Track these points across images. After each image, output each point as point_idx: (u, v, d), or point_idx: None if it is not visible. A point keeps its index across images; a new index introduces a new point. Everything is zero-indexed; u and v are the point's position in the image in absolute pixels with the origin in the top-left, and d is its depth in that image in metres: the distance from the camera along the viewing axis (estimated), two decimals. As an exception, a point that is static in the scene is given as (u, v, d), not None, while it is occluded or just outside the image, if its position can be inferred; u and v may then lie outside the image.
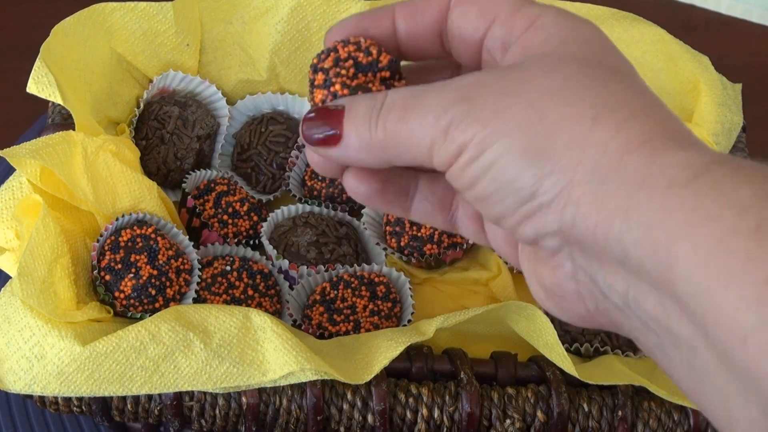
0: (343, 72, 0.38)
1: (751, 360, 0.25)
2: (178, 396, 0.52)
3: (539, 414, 0.52)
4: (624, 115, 0.31)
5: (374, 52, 0.38)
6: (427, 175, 0.39)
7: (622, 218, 0.29)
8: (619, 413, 0.52)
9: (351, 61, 0.38)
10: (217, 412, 0.52)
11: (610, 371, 0.54)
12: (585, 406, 0.52)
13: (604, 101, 0.31)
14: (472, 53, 0.37)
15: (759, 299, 0.25)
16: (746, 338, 0.25)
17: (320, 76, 0.38)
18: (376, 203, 0.39)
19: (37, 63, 0.60)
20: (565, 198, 0.31)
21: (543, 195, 0.31)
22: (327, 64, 0.38)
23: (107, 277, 0.56)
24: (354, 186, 0.38)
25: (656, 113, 0.31)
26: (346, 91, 0.38)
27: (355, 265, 0.64)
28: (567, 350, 0.55)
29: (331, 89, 0.38)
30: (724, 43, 0.95)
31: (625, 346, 0.58)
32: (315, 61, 0.39)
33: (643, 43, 0.71)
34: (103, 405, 0.52)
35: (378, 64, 0.38)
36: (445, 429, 0.52)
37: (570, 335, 0.59)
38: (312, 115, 0.37)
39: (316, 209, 0.68)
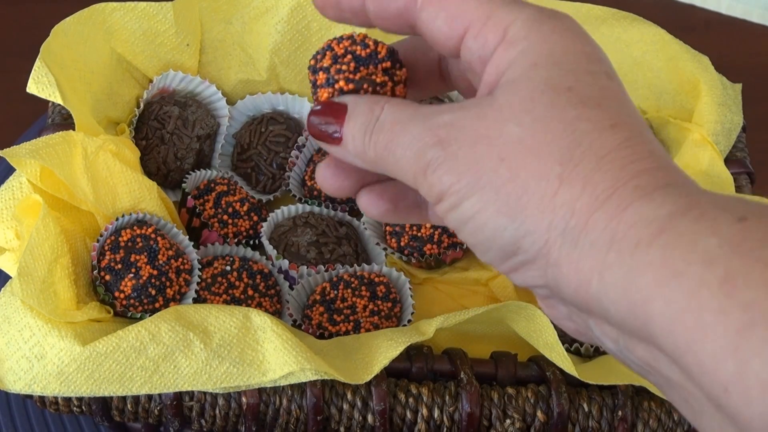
0: (344, 68, 0.38)
1: (735, 407, 0.26)
2: (178, 396, 0.52)
3: (539, 414, 0.52)
4: (590, 168, 0.31)
5: (371, 43, 0.38)
6: None
7: (598, 280, 0.30)
8: (619, 413, 0.52)
9: (350, 56, 0.38)
10: (217, 412, 0.52)
11: (610, 371, 0.54)
12: (585, 406, 0.52)
13: (570, 154, 0.31)
14: (449, 54, 0.37)
15: (734, 350, 0.26)
16: (727, 388, 0.26)
17: (322, 75, 0.38)
18: (391, 220, 0.40)
19: (37, 63, 0.60)
20: (545, 258, 0.31)
21: (524, 253, 0.32)
22: (326, 63, 0.38)
23: (107, 277, 0.56)
24: (367, 207, 0.39)
25: (622, 154, 0.31)
26: (351, 86, 0.38)
27: (355, 265, 0.63)
28: (567, 350, 0.55)
29: (336, 86, 0.38)
30: (724, 43, 0.95)
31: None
32: (312, 62, 0.39)
33: (643, 43, 0.71)
34: (103, 405, 0.52)
35: (377, 55, 0.38)
36: (445, 429, 0.52)
37: (570, 335, 0.59)
38: (318, 108, 0.37)
39: (316, 209, 0.68)
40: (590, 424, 0.52)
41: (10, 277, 0.53)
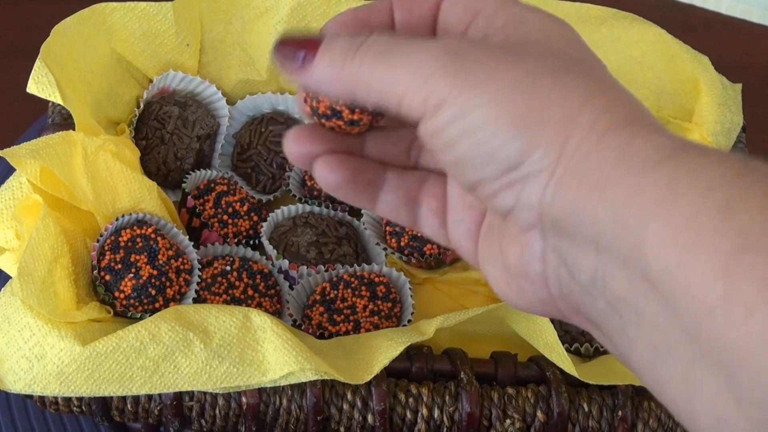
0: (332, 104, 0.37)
1: (719, 330, 0.26)
2: (178, 396, 0.52)
3: (539, 414, 0.52)
4: (610, 99, 0.32)
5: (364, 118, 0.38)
6: (397, 169, 0.39)
7: (598, 195, 0.30)
8: (619, 413, 0.52)
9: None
10: (217, 412, 0.52)
11: (610, 371, 0.54)
12: (585, 406, 0.52)
13: (593, 86, 0.32)
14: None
15: (726, 270, 0.26)
16: (714, 309, 0.26)
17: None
18: (345, 194, 0.38)
19: (37, 63, 0.60)
20: (550, 172, 0.31)
21: (529, 166, 0.32)
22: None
23: (107, 277, 0.56)
24: (324, 175, 0.37)
25: (636, 105, 0.33)
26: (329, 111, 0.37)
27: (355, 265, 0.63)
28: (567, 350, 0.55)
29: (314, 104, 0.37)
30: (724, 43, 0.95)
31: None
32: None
33: (643, 43, 0.71)
34: (103, 405, 0.52)
35: (357, 124, 0.38)
36: (445, 429, 0.52)
37: (570, 335, 0.59)
38: (290, 38, 0.36)
39: (316, 209, 0.68)
40: (590, 424, 0.52)
41: (10, 277, 0.53)
